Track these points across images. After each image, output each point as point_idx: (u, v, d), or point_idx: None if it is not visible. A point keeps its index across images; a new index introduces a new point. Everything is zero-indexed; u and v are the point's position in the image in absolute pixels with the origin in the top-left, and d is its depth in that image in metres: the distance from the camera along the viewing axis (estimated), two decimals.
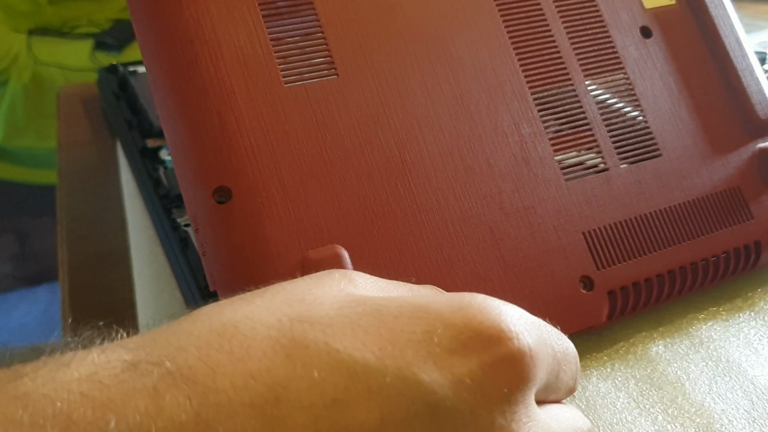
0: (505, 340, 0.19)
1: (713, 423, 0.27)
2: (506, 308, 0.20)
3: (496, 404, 0.19)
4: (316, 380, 0.17)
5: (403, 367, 0.18)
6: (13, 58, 0.79)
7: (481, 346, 0.19)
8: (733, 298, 0.33)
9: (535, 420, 0.20)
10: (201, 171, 0.26)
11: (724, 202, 0.33)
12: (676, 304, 0.33)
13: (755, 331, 0.32)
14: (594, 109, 0.32)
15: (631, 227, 0.31)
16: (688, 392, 0.29)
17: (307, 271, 0.25)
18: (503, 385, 0.19)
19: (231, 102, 0.27)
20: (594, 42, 0.33)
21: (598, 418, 0.28)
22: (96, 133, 0.51)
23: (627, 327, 0.32)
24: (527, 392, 0.20)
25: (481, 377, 0.19)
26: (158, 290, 0.36)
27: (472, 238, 0.28)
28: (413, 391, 0.18)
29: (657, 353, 0.31)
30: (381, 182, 0.28)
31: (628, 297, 0.30)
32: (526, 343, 0.20)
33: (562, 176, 0.31)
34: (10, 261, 1.22)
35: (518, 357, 0.19)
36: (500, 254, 0.28)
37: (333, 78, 0.28)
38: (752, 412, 0.28)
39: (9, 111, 0.80)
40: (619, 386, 0.29)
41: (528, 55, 0.32)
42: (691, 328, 0.32)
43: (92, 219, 0.43)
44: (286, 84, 0.28)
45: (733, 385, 0.29)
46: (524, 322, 0.20)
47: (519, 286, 0.28)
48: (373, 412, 0.17)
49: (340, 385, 0.17)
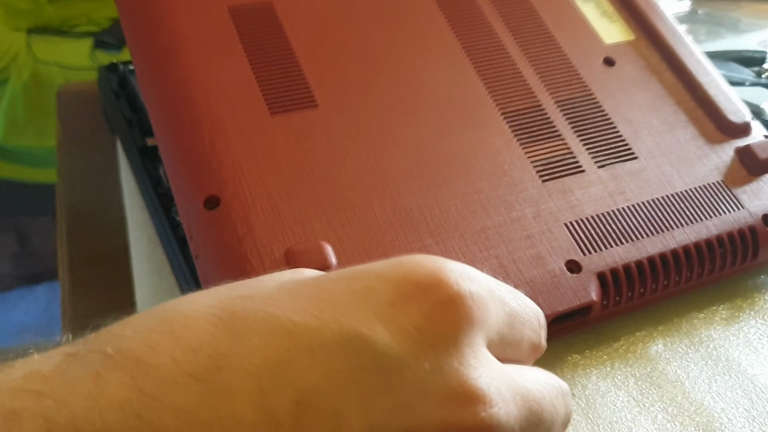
0: (444, 285, 0.20)
1: (713, 421, 0.27)
2: (445, 261, 0.21)
3: (441, 348, 0.19)
4: (257, 345, 0.17)
5: (344, 323, 0.18)
6: (12, 57, 0.79)
7: (421, 294, 0.19)
8: (733, 298, 0.33)
9: (486, 365, 0.20)
10: (193, 184, 0.29)
11: (709, 194, 0.33)
12: (676, 303, 0.33)
13: (755, 331, 0.32)
14: (564, 123, 0.34)
15: (614, 217, 0.31)
16: (688, 391, 0.29)
17: (291, 261, 0.27)
18: (445, 328, 0.19)
19: (221, 129, 0.30)
20: (557, 69, 0.36)
21: (598, 416, 0.28)
22: (96, 131, 0.51)
23: (627, 326, 0.32)
24: (472, 335, 0.20)
25: (422, 323, 0.19)
26: (158, 288, 0.36)
27: (454, 231, 0.29)
28: (355, 344, 0.18)
29: (657, 352, 0.31)
30: (362, 190, 0.29)
31: (619, 279, 0.30)
32: (467, 287, 0.20)
33: (539, 178, 0.32)
34: (10, 260, 1.22)
35: (457, 299, 0.19)
36: (484, 245, 0.29)
37: (314, 109, 0.31)
38: (751, 411, 0.28)
39: (8, 110, 0.80)
40: (618, 385, 0.29)
41: (494, 80, 0.34)
42: (691, 327, 0.32)
43: (92, 218, 0.43)
44: (272, 114, 0.31)
45: (733, 384, 0.29)
46: (466, 271, 0.21)
47: (504, 272, 0.29)
48: (316, 368, 0.17)
49: (282, 347, 0.17)
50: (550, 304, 0.28)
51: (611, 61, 0.37)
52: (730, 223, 0.32)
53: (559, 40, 0.37)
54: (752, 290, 0.34)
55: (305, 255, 0.27)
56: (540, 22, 0.38)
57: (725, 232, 0.32)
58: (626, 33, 0.39)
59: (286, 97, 0.31)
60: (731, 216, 0.32)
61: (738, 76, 0.49)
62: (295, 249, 0.27)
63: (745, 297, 0.33)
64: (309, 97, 0.32)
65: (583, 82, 0.36)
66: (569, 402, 0.23)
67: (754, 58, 0.52)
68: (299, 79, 0.32)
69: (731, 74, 0.49)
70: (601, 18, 0.39)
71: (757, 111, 0.45)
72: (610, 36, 0.38)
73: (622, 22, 0.39)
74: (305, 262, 0.27)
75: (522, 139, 0.33)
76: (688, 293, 0.33)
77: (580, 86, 0.35)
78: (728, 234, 0.32)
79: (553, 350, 0.31)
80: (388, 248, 0.28)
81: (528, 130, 0.33)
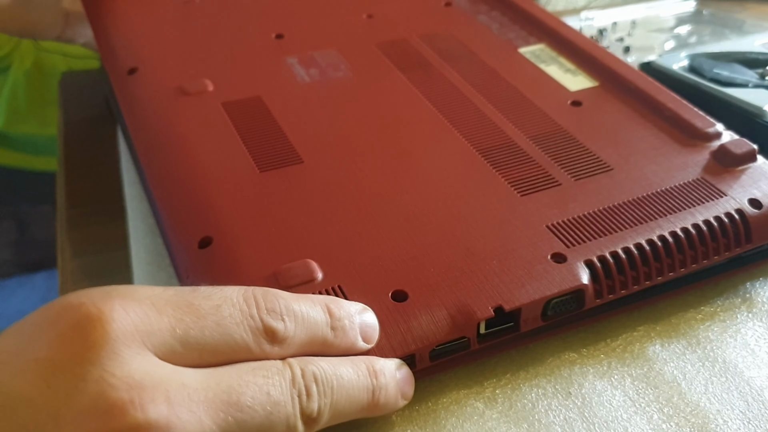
0: (74, 309, 0.21)
1: (708, 423, 0.27)
2: (96, 289, 0.22)
3: (74, 369, 0.20)
4: None
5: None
6: (15, 45, 0.78)
7: (50, 325, 0.21)
8: (731, 299, 0.33)
9: (145, 371, 0.20)
10: (187, 227, 0.32)
11: (689, 188, 0.34)
12: (673, 303, 0.33)
13: (752, 333, 0.32)
14: (536, 151, 0.36)
15: (596, 216, 0.32)
16: (684, 392, 0.29)
17: (279, 279, 0.28)
18: (74, 349, 0.20)
19: (214, 182, 0.33)
20: (529, 114, 0.39)
21: (594, 415, 0.28)
22: (97, 120, 0.51)
23: (624, 326, 0.32)
24: (114, 347, 0.20)
25: (49, 353, 0.20)
26: (156, 279, 0.36)
27: (436, 241, 0.31)
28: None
29: (654, 352, 0.31)
30: (349, 220, 0.32)
31: (608, 265, 0.30)
32: (104, 305, 0.21)
33: (517, 193, 0.33)
34: (9, 247, 1.22)
35: (88, 318, 0.20)
36: (466, 249, 0.30)
37: (299, 165, 0.35)
38: (747, 413, 0.28)
39: (10, 97, 0.80)
40: (615, 384, 0.29)
41: (467, 127, 0.38)
42: (689, 328, 0.32)
43: (92, 206, 0.43)
44: (261, 171, 0.34)
45: (729, 385, 0.29)
46: (113, 291, 0.22)
47: (487, 270, 0.29)
48: None
49: None
50: (539, 290, 0.28)
51: (578, 102, 0.40)
52: (715, 208, 0.33)
53: (527, 94, 0.40)
54: (750, 292, 0.34)
55: (291, 271, 0.28)
56: (507, 83, 0.41)
57: (713, 216, 0.32)
58: (590, 81, 0.42)
59: (273, 157, 0.35)
60: (716, 204, 0.33)
61: (741, 77, 0.49)
62: (282, 267, 0.29)
63: (743, 299, 0.33)
64: (294, 156, 0.35)
65: (553, 121, 0.38)
66: (309, 405, 0.23)
67: (758, 60, 0.52)
68: (285, 143, 0.36)
69: (735, 75, 0.49)
70: (564, 74, 0.42)
71: (760, 113, 0.45)
72: (575, 85, 0.42)
73: (585, 74, 0.42)
74: (292, 278, 0.28)
75: (498, 167, 0.35)
76: (687, 294, 0.33)
77: (550, 123, 0.38)
78: (716, 218, 0.32)
79: (550, 349, 0.31)
80: (372, 265, 0.30)
81: (503, 159, 0.35)
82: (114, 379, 0.20)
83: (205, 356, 0.22)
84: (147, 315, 0.21)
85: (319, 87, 0.41)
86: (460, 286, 0.28)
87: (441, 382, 0.29)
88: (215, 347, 0.22)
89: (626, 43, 0.62)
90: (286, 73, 0.42)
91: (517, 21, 0.49)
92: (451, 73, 0.43)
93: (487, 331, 0.29)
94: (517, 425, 0.27)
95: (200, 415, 0.21)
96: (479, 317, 0.27)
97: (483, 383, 0.29)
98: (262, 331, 0.23)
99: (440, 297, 0.28)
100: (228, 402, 0.21)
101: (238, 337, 0.23)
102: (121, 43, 0.45)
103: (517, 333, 0.29)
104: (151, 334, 0.21)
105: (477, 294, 0.28)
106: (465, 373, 0.29)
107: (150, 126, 0.38)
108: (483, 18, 0.49)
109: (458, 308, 0.28)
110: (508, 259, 0.30)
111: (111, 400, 0.19)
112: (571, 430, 0.27)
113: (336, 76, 0.42)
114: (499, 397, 0.29)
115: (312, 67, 0.42)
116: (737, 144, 0.36)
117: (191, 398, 0.21)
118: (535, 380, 0.29)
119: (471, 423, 0.27)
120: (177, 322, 0.22)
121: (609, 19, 0.67)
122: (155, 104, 0.39)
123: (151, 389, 0.20)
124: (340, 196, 0.33)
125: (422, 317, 0.27)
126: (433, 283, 0.28)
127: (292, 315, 0.24)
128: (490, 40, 0.46)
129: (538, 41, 0.46)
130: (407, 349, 0.27)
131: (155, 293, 0.22)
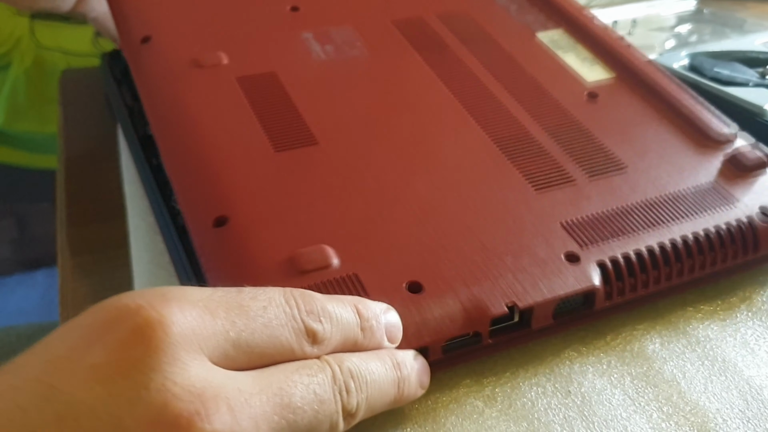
0: (131, 314, 0.20)
1: (708, 422, 0.27)
2: (145, 291, 0.21)
3: (135, 376, 0.19)
4: None
5: (40, 379, 0.20)
6: (15, 42, 0.78)
7: (106, 330, 0.20)
8: (731, 298, 0.33)
9: (203, 378, 0.20)
10: (203, 206, 0.32)
11: (702, 192, 0.34)
12: (674, 302, 0.33)
13: (752, 332, 0.32)
14: (553, 144, 0.36)
15: (610, 216, 0.32)
16: (684, 391, 0.29)
17: (295, 264, 0.28)
18: (135, 355, 0.20)
19: (230, 161, 0.33)
20: (546, 106, 0.38)
21: (594, 414, 0.28)
22: (97, 118, 0.51)
23: (624, 324, 0.32)
24: (172, 353, 0.20)
25: (109, 358, 0.20)
26: (156, 277, 0.36)
27: (452, 233, 0.31)
28: (45, 395, 0.19)
29: (653, 351, 0.31)
30: (364, 206, 0.32)
31: (620, 268, 0.30)
32: (159, 310, 0.20)
33: (532, 188, 0.33)
34: (9, 245, 1.22)
35: (146, 324, 0.20)
36: (481, 243, 0.30)
37: (315, 145, 0.34)
38: (746, 412, 0.28)
39: (11, 95, 0.80)
40: (614, 383, 0.29)
41: (484, 117, 0.37)
42: (688, 327, 0.32)
43: (92, 204, 0.43)
44: (276, 151, 0.34)
45: (729, 384, 0.29)
46: (166, 293, 0.21)
47: (501, 266, 0.29)
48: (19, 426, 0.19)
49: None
50: (551, 290, 0.28)
51: (595, 95, 0.40)
52: (726, 216, 0.33)
53: (544, 84, 0.40)
54: (750, 291, 0.34)
55: (307, 256, 0.28)
56: (524, 71, 0.41)
57: (723, 223, 0.32)
58: (607, 72, 0.42)
59: (289, 137, 0.35)
60: (727, 210, 0.33)
61: (742, 76, 0.49)
62: (298, 251, 0.28)
63: (743, 298, 0.33)
64: (310, 137, 0.35)
65: (569, 113, 0.38)
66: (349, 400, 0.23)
67: (758, 59, 0.52)
68: (300, 123, 0.36)
69: (735, 74, 0.49)
70: (582, 63, 0.42)
71: (760, 112, 0.45)
72: (592, 75, 0.41)
73: (602, 64, 0.42)
74: (308, 263, 0.28)
75: (514, 159, 0.35)
76: (687, 293, 0.33)
77: (567, 116, 0.38)
78: (726, 224, 0.32)
79: (549, 347, 0.31)
80: (388, 254, 0.29)
81: (519, 151, 0.35)
82: (177, 388, 0.19)
83: (254, 358, 0.22)
84: (203, 318, 0.21)
85: (334, 65, 0.40)
86: (475, 281, 0.28)
87: (440, 380, 0.29)
88: (263, 349, 0.23)
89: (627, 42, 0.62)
90: (301, 48, 0.41)
91: (535, 3, 0.47)
92: (468, 57, 0.42)
93: (497, 326, 0.29)
94: (516, 424, 0.27)
95: (257, 421, 0.21)
96: (493, 313, 0.28)
97: (482, 382, 0.29)
98: (304, 333, 0.24)
99: (455, 290, 0.28)
100: (281, 405, 0.22)
101: (284, 338, 0.23)
102: (134, 10, 0.44)
103: (527, 330, 0.29)
104: (207, 338, 0.21)
105: (491, 290, 0.28)
106: (464, 372, 0.29)
107: (164, 99, 0.37)
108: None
109: (472, 303, 0.28)
110: (523, 255, 0.30)
111: (177, 410, 0.19)
112: (570, 428, 0.27)
113: (351, 54, 0.41)
114: (498, 395, 0.29)
115: (327, 43, 0.41)
116: (752, 150, 0.36)
117: (249, 404, 0.21)
118: (534, 379, 0.29)
119: (470, 421, 0.27)
120: (230, 325, 0.22)
121: (610, 17, 0.67)
122: (169, 76, 0.38)
123: (214, 399, 0.20)
124: (355, 180, 0.33)
125: (436, 310, 0.27)
126: (448, 276, 0.29)
127: (328, 316, 0.24)
128: (507, 23, 0.45)
129: (556, 26, 0.45)
130: (421, 341, 0.27)
131: (206, 295, 0.22)
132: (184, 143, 0.34)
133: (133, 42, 0.41)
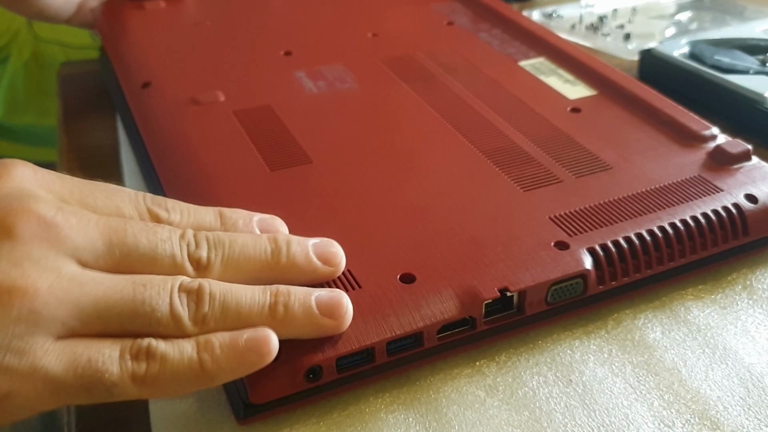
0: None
1: (708, 409, 0.28)
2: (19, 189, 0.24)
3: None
4: None
5: None
6: (13, 35, 0.78)
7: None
8: (732, 286, 0.34)
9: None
10: None
11: (688, 184, 0.35)
12: (674, 290, 0.33)
13: (753, 319, 0.32)
14: (537, 151, 0.37)
15: (597, 208, 0.33)
16: (685, 379, 0.29)
17: None
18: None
19: (226, 180, 0.35)
20: (530, 120, 0.40)
21: (595, 402, 0.28)
22: (96, 111, 0.51)
23: (624, 313, 0.32)
24: (15, 241, 0.23)
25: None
26: None
27: (442, 229, 0.31)
28: None
29: (654, 340, 0.31)
30: (357, 212, 0.33)
31: (610, 253, 0.30)
32: (25, 206, 0.23)
33: (520, 189, 0.34)
34: None
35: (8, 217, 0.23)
36: (471, 237, 0.31)
37: (309, 164, 0.36)
38: (747, 400, 0.28)
39: (9, 88, 0.79)
40: (615, 372, 0.29)
41: (471, 132, 0.39)
42: (689, 316, 0.32)
43: None
44: (272, 171, 0.35)
45: (729, 372, 0.29)
46: (35, 194, 0.24)
47: (492, 256, 0.30)
48: None
49: None
50: (543, 274, 0.29)
51: (578, 109, 0.41)
52: (712, 202, 0.33)
53: (528, 102, 0.42)
54: (750, 279, 0.34)
55: None
56: (508, 93, 0.43)
57: (710, 210, 0.33)
58: (589, 90, 0.43)
59: (284, 157, 0.36)
60: (713, 199, 0.34)
61: (742, 64, 0.49)
62: None
63: (743, 286, 0.34)
64: (304, 157, 0.36)
65: (554, 126, 0.39)
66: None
67: (759, 46, 0.51)
68: (294, 145, 0.37)
69: (735, 62, 0.49)
70: (564, 84, 0.44)
71: (760, 99, 0.45)
72: (574, 94, 0.43)
73: (584, 84, 0.44)
74: None
75: (502, 166, 0.36)
76: (687, 281, 0.33)
77: (551, 128, 0.39)
78: (713, 211, 0.33)
79: (550, 336, 0.31)
80: (380, 252, 0.30)
81: (506, 159, 0.36)
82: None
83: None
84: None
85: (326, 97, 0.42)
86: (466, 270, 0.29)
87: (442, 370, 0.29)
88: (102, 210, 0.26)
89: (626, 30, 0.62)
90: (294, 85, 0.44)
91: (517, 37, 0.50)
92: (454, 84, 0.44)
93: (492, 317, 0.29)
94: (518, 413, 0.27)
95: (88, 225, 0.24)
96: (485, 297, 0.28)
97: (484, 371, 0.29)
98: (147, 214, 0.27)
99: (447, 279, 0.29)
100: (116, 228, 0.24)
101: (126, 211, 0.26)
102: (135, 59, 0.47)
103: (522, 316, 0.29)
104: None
105: (483, 276, 0.29)
106: (466, 362, 0.30)
107: (164, 134, 0.39)
108: (484, 35, 0.51)
109: (465, 289, 0.28)
110: (512, 246, 0.30)
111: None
112: (572, 417, 0.27)
113: (343, 87, 0.43)
114: (500, 385, 0.29)
115: (320, 79, 0.44)
116: (733, 144, 0.37)
117: (83, 213, 0.24)
118: (536, 368, 0.29)
119: (472, 411, 0.28)
120: (76, 187, 0.26)
121: (609, 5, 0.66)
122: (169, 113, 0.40)
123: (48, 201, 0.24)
124: (349, 191, 0.34)
125: (430, 297, 0.28)
126: (440, 267, 0.29)
127: (177, 208, 0.28)
128: (491, 54, 0.48)
129: (538, 55, 0.48)
130: (415, 326, 0.27)
131: None
132: (183, 170, 0.36)
133: (134, 87, 0.44)
